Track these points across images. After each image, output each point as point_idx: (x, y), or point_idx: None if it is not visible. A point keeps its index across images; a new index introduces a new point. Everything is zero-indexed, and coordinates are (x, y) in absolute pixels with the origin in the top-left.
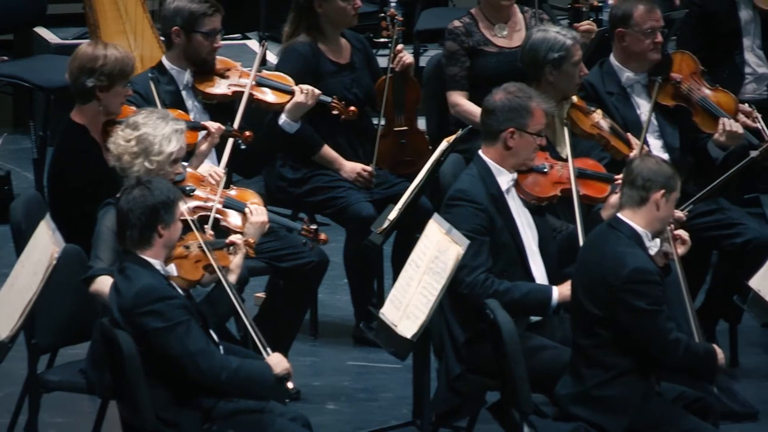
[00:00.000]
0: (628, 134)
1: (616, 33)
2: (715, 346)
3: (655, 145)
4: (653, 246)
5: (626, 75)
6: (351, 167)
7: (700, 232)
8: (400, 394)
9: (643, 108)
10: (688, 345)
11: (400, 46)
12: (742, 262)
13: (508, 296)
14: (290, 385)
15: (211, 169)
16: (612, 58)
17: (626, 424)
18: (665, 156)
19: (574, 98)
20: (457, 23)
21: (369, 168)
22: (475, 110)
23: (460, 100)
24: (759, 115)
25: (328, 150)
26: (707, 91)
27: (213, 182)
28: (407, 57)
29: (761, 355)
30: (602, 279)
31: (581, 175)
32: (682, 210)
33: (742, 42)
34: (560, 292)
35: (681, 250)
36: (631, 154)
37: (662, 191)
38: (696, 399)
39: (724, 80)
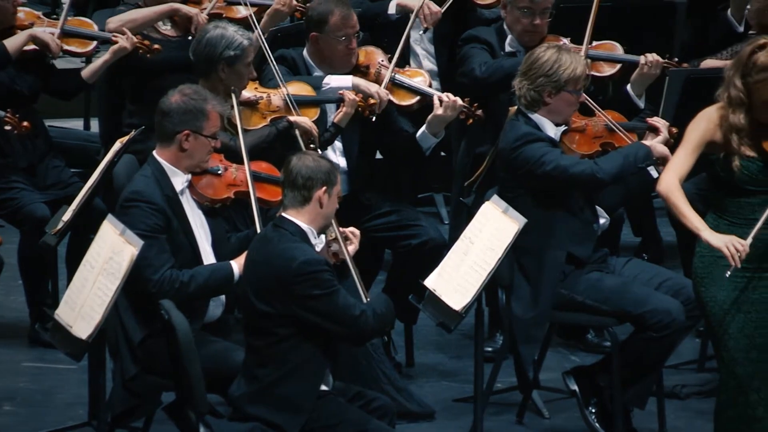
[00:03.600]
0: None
1: (310, 36)
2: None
3: (336, 148)
4: (319, 243)
5: (315, 75)
6: None
7: (375, 233)
8: (76, 394)
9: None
10: (374, 310)
11: None
12: (418, 262)
13: (194, 283)
14: None
15: None
16: (306, 54)
17: (303, 422)
18: (342, 161)
19: (245, 93)
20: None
21: None
22: None
23: None
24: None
25: None
26: (399, 72)
27: None
28: None
29: (437, 354)
30: (273, 277)
31: (256, 178)
32: None
33: (410, 35)
34: (239, 263)
35: (350, 248)
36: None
37: (324, 187)
38: (372, 399)
39: None
